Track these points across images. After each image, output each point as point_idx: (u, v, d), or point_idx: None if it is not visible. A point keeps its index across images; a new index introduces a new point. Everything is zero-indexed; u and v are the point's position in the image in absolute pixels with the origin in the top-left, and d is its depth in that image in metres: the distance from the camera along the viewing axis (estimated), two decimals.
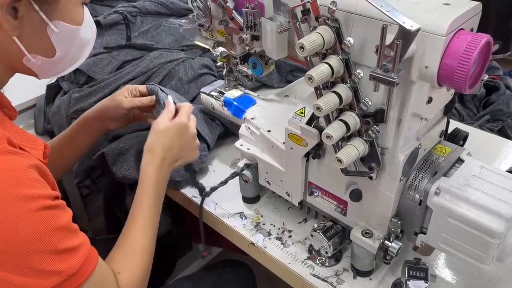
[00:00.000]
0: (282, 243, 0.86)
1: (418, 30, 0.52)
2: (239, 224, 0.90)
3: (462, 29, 0.57)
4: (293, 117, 0.75)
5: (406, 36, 0.52)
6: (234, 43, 0.85)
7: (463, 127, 1.04)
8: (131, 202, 0.79)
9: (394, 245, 0.73)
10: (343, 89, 0.63)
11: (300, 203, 0.86)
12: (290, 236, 0.88)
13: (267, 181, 0.89)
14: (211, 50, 0.92)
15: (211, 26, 0.87)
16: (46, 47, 0.66)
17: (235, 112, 0.95)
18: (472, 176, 0.68)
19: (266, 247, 0.85)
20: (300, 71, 1.32)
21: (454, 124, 0.97)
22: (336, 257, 0.82)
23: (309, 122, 0.74)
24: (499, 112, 1.51)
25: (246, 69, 0.92)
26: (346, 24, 0.61)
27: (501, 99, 1.53)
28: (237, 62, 0.92)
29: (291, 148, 0.78)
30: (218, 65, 1.03)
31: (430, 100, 0.64)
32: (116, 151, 1.01)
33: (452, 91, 0.70)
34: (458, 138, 0.79)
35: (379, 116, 0.63)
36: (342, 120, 0.64)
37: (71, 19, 0.66)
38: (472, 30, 0.60)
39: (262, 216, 0.92)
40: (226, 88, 1.01)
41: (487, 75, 0.62)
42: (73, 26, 0.67)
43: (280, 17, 0.73)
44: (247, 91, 1.00)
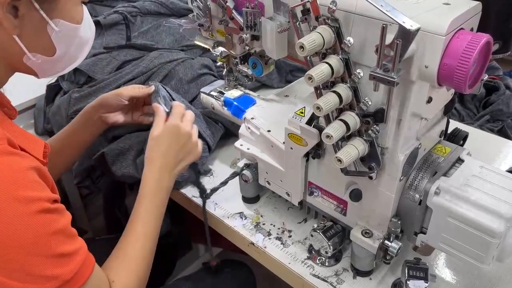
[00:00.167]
0: (282, 243, 0.86)
1: (418, 30, 0.52)
2: (239, 224, 0.90)
3: (462, 28, 0.57)
4: (293, 117, 0.75)
5: (406, 35, 0.52)
6: (234, 43, 0.85)
7: (463, 127, 1.04)
8: (131, 202, 0.79)
9: (394, 245, 0.73)
10: (343, 88, 0.63)
11: (300, 203, 0.86)
12: (290, 236, 0.88)
13: (267, 181, 0.89)
14: (211, 50, 0.92)
15: (211, 26, 0.87)
16: (46, 46, 0.66)
17: (235, 112, 0.95)
18: (472, 176, 0.68)
19: (266, 247, 0.85)
20: (300, 71, 1.31)
21: (454, 124, 0.97)
22: (336, 257, 0.82)
23: (309, 122, 0.74)
24: (499, 112, 1.51)
25: (246, 69, 0.92)
26: (346, 23, 0.61)
27: (501, 99, 1.53)
28: (237, 62, 0.92)
29: (291, 148, 0.78)
30: (218, 65, 1.03)
31: (430, 100, 0.64)
32: (116, 151, 1.01)
33: (452, 91, 0.70)
34: (458, 138, 0.79)
35: (379, 116, 0.63)
36: (342, 120, 0.64)
37: (71, 18, 0.67)
38: (472, 30, 0.60)
39: (262, 216, 0.92)
40: (226, 88, 1.01)
41: (487, 75, 0.62)
42: (73, 25, 0.67)
43: (280, 17, 0.73)
44: (247, 91, 1.00)
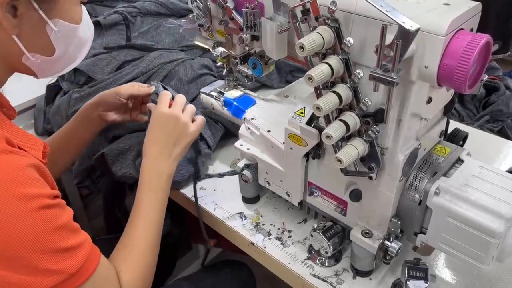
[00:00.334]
0: (282, 243, 0.86)
1: (417, 30, 0.52)
2: (239, 224, 0.90)
3: (461, 29, 0.57)
4: (293, 117, 0.75)
5: (406, 36, 0.52)
6: (234, 43, 0.85)
7: (463, 127, 1.04)
8: (131, 203, 0.79)
9: (394, 245, 0.73)
10: (343, 89, 0.63)
11: (300, 203, 0.86)
12: (290, 236, 0.88)
13: (267, 181, 0.89)
14: (211, 50, 0.92)
15: (211, 26, 0.87)
16: (45, 46, 0.66)
17: (235, 112, 0.95)
18: (472, 176, 0.68)
19: (266, 247, 0.85)
20: (300, 71, 1.31)
21: (454, 125, 0.97)
22: (336, 257, 0.82)
23: (309, 122, 0.74)
24: (498, 112, 1.51)
25: (246, 69, 0.92)
26: (346, 24, 0.61)
27: (500, 100, 1.53)
28: (237, 62, 0.92)
29: (291, 148, 0.78)
30: (218, 65, 1.03)
31: (429, 100, 0.64)
32: (116, 151, 1.01)
33: (452, 91, 0.71)
34: (458, 138, 0.79)
35: (379, 116, 0.63)
36: (342, 120, 0.64)
37: (70, 18, 0.67)
38: (472, 30, 0.60)
39: (262, 216, 0.92)
40: (226, 88, 1.01)
41: (487, 75, 0.62)
42: (72, 25, 0.67)
43: (280, 17, 0.73)
44: (247, 91, 1.00)
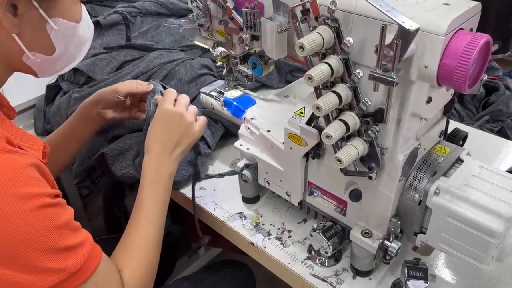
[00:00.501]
0: (281, 243, 0.86)
1: (417, 30, 0.52)
2: (238, 224, 0.90)
3: (461, 28, 0.57)
4: (292, 117, 0.75)
5: (406, 35, 0.52)
6: (233, 43, 0.85)
7: (463, 127, 1.04)
8: (131, 203, 0.79)
9: (394, 245, 0.73)
10: (342, 89, 0.63)
11: (300, 203, 0.86)
12: (290, 236, 0.88)
13: (267, 181, 0.89)
14: (210, 50, 0.92)
15: (211, 26, 0.87)
16: (46, 45, 0.66)
17: (235, 112, 0.95)
18: (472, 176, 0.68)
19: (265, 247, 0.85)
20: (300, 71, 1.31)
21: (454, 125, 0.97)
22: (336, 257, 0.82)
23: (308, 122, 0.74)
24: (498, 112, 1.51)
25: (245, 69, 0.92)
26: (345, 24, 0.61)
27: (500, 100, 1.53)
28: (236, 62, 0.92)
29: (291, 148, 0.78)
30: (218, 65, 1.03)
31: (429, 100, 0.64)
32: (116, 151, 1.01)
33: (452, 91, 0.70)
34: (457, 138, 0.79)
35: (378, 116, 0.63)
36: (341, 120, 0.64)
37: (70, 16, 0.67)
38: (471, 30, 0.60)
39: (261, 216, 0.92)
40: (226, 88, 1.01)
41: (487, 75, 0.62)
42: (72, 23, 0.67)
43: (279, 17, 0.73)
44: (247, 91, 1.00)
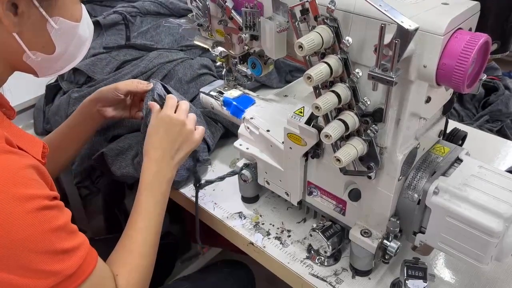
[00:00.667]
0: (281, 243, 0.86)
1: (416, 30, 0.52)
2: (238, 224, 0.90)
3: (460, 28, 0.57)
4: (292, 116, 0.75)
5: (405, 35, 0.52)
6: (233, 43, 0.85)
7: (462, 127, 1.04)
8: (130, 203, 0.79)
9: (393, 244, 0.73)
10: (342, 88, 0.63)
11: (299, 202, 0.86)
12: (289, 236, 0.88)
13: (266, 180, 0.89)
14: (210, 50, 0.92)
15: (210, 26, 0.87)
16: (46, 44, 0.66)
17: (234, 112, 0.95)
18: (471, 175, 0.68)
19: (265, 246, 0.85)
20: (299, 71, 1.32)
21: (453, 124, 0.97)
22: (335, 256, 0.82)
23: (308, 122, 0.74)
24: (498, 112, 1.51)
25: (245, 69, 0.92)
26: (344, 23, 0.61)
27: (500, 100, 1.53)
28: (236, 62, 0.92)
29: (290, 148, 0.78)
30: (218, 65, 1.03)
31: (428, 100, 0.64)
32: (116, 151, 1.01)
33: (451, 90, 0.71)
34: (456, 138, 0.79)
35: (377, 115, 0.63)
36: (341, 119, 0.64)
37: (70, 16, 0.67)
38: (470, 30, 0.60)
39: (261, 215, 0.92)
40: (226, 88, 1.01)
41: (486, 75, 0.62)
42: (72, 23, 0.67)
43: (279, 16, 0.73)
44: (246, 91, 1.00)
